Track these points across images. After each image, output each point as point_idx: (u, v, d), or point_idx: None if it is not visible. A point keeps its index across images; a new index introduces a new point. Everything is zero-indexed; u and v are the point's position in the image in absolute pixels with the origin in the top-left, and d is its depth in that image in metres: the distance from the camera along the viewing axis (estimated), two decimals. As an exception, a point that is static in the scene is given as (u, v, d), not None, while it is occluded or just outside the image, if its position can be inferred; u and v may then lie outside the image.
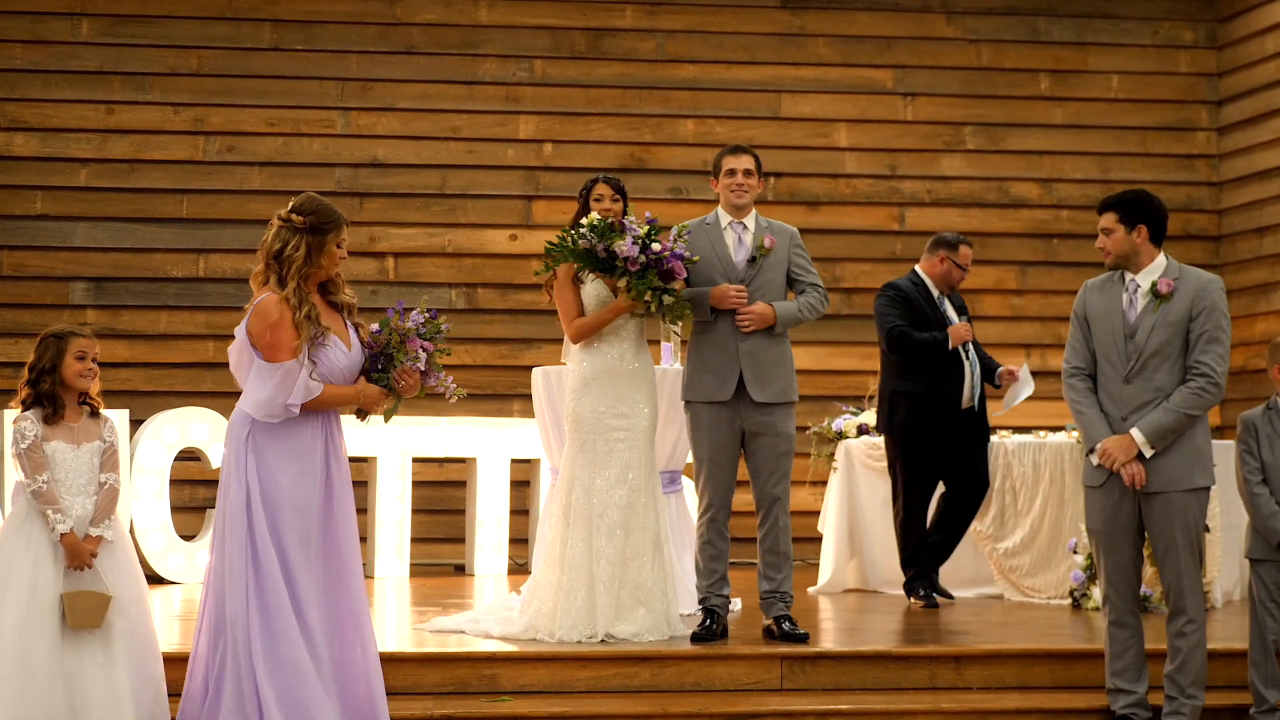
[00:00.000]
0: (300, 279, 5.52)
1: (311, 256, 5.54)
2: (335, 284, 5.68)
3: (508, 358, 11.06)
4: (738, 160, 6.91)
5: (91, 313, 10.72)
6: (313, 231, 5.56)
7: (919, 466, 8.32)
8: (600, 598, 6.60)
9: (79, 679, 5.42)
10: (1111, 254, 6.00)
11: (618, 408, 6.75)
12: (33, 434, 5.52)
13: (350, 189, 11.07)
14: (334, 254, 5.60)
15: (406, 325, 5.68)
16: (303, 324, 5.45)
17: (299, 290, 5.50)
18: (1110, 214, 6.01)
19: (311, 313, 5.48)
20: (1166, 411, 5.83)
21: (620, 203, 6.94)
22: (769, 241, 6.84)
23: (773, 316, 6.76)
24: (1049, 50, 11.71)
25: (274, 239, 5.56)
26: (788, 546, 6.81)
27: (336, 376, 5.57)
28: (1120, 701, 6.00)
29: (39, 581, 5.44)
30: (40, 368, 5.58)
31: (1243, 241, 11.51)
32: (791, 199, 11.36)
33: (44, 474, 5.48)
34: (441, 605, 8.08)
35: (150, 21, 10.98)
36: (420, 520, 10.22)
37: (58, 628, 5.43)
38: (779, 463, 6.78)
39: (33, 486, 5.47)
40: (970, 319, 8.58)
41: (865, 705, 6.17)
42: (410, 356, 5.65)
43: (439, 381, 5.76)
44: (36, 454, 5.50)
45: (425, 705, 5.98)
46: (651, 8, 11.41)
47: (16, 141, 10.84)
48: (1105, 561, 5.98)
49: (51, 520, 5.46)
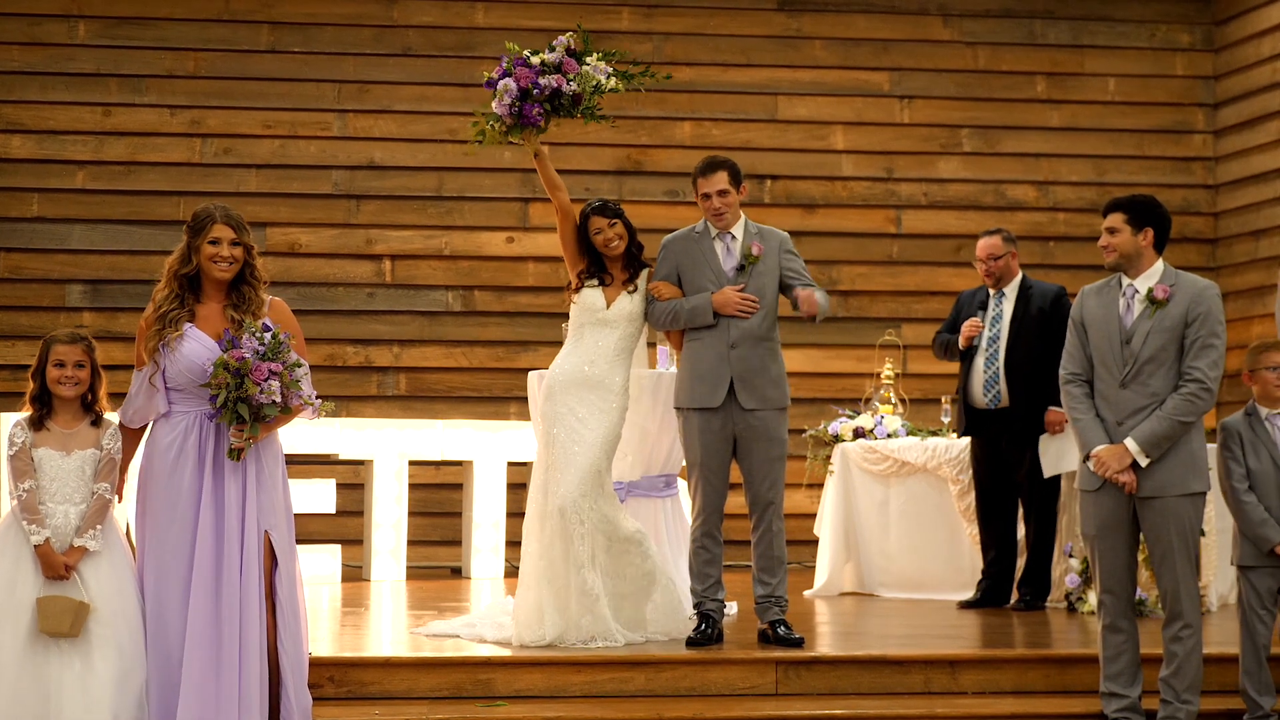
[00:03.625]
0: (177, 280, 5.59)
1: (189, 260, 5.60)
2: (244, 289, 5.67)
3: (504, 360, 11.06)
4: (709, 183, 6.83)
5: (88, 315, 10.73)
6: (191, 233, 5.61)
7: (974, 471, 8.51)
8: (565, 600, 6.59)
9: (54, 685, 5.39)
10: (1115, 253, 6.00)
11: (578, 410, 6.73)
12: (20, 441, 5.52)
13: (347, 191, 11.07)
14: (205, 250, 5.58)
15: (241, 356, 5.40)
16: (150, 320, 5.57)
17: (169, 285, 5.58)
18: (1118, 214, 6.01)
19: (165, 310, 5.54)
20: (1160, 419, 5.83)
21: (618, 224, 6.86)
22: (756, 249, 6.79)
23: (815, 305, 6.70)
24: (1045, 53, 11.72)
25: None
26: (782, 551, 6.81)
27: (196, 373, 5.53)
28: (1114, 706, 6.00)
29: (17, 583, 5.44)
30: (32, 371, 5.62)
31: (1238, 244, 11.52)
32: (788, 201, 11.37)
33: (26, 482, 5.48)
34: (438, 608, 8.08)
35: (147, 24, 10.98)
36: (417, 523, 10.22)
37: (29, 630, 5.40)
38: (772, 467, 6.78)
39: (16, 494, 5.48)
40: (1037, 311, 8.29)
41: (860, 710, 6.17)
42: (263, 391, 5.39)
43: (304, 400, 5.52)
44: (20, 461, 5.49)
45: (420, 710, 5.98)
46: (648, 10, 11.41)
47: (13, 144, 10.84)
48: (1100, 566, 5.99)
49: (26, 531, 5.45)
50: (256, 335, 5.48)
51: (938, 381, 10.80)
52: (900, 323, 11.22)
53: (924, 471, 8.95)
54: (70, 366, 5.58)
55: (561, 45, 6.75)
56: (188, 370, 5.52)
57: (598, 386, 6.79)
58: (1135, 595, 6.07)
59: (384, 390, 10.89)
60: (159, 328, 5.55)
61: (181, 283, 5.60)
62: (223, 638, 5.44)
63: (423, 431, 9.93)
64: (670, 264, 6.90)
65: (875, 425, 9.20)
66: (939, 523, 8.94)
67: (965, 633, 7.45)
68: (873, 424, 9.21)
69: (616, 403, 6.81)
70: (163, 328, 5.53)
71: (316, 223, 10.86)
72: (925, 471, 8.95)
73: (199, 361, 5.50)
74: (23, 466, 5.50)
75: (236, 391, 5.41)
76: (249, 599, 5.49)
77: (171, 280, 5.59)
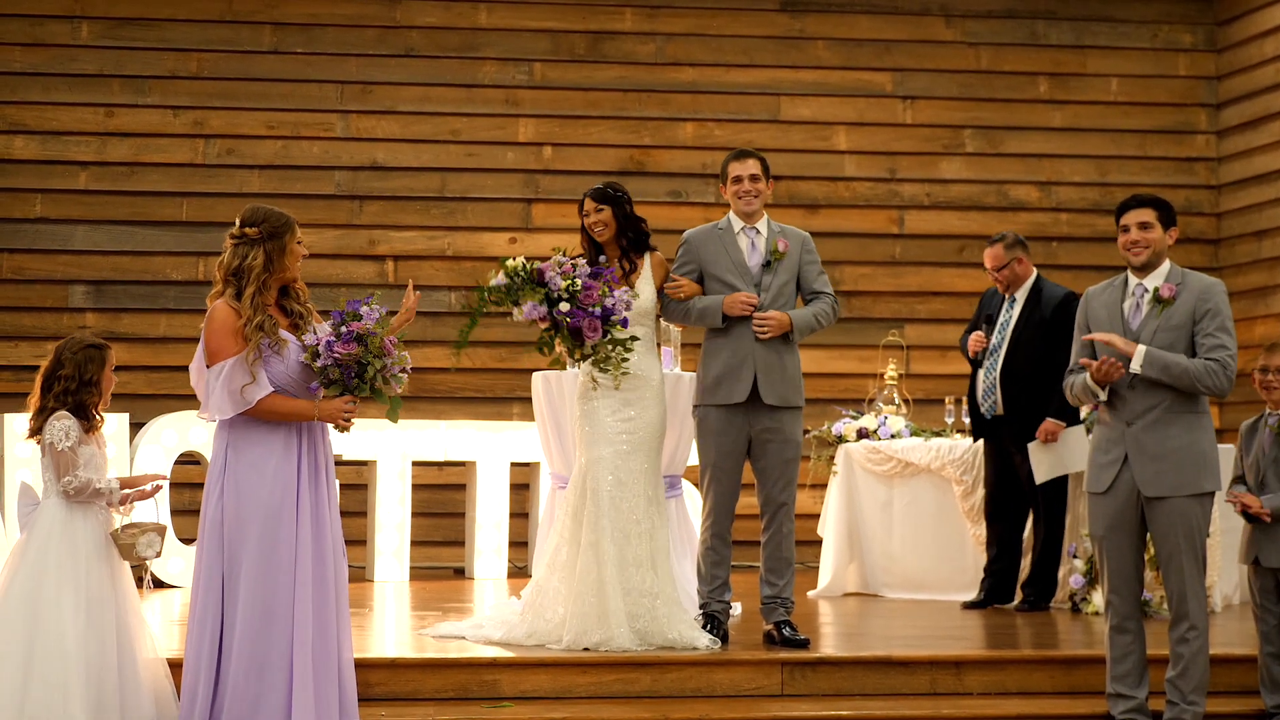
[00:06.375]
0: (259, 287, 5.50)
1: (272, 262, 5.53)
2: (293, 292, 5.66)
3: (507, 361, 11.06)
4: (743, 166, 6.90)
5: (91, 316, 10.73)
6: (270, 238, 5.55)
7: (985, 473, 8.57)
8: (610, 602, 6.49)
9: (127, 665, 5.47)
10: (1149, 250, 5.95)
11: (624, 411, 6.70)
12: (77, 434, 5.53)
13: (350, 192, 11.07)
14: (296, 252, 5.59)
15: (373, 327, 5.47)
16: (252, 334, 5.44)
17: (255, 298, 5.48)
18: (1150, 210, 5.97)
19: (265, 324, 5.46)
20: (1176, 359, 5.82)
21: (605, 210, 6.82)
22: (782, 245, 6.84)
23: (789, 324, 6.76)
24: (1048, 53, 11.72)
25: (232, 257, 5.54)
26: (790, 552, 6.81)
27: (301, 373, 5.53)
28: (1120, 707, 6.00)
29: (90, 578, 5.45)
30: (85, 378, 5.57)
31: (1241, 245, 11.52)
32: (791, 202, 11.36)
33: (79, 471, 5.50)
34: (441, 609, 8.08)
35: (150, 25, 10.98)
36: (420, 523, 10.22)
37: (111, 619, 5.45)
38: (786, 468, 6.78)
39: (74, 484, 5.47)
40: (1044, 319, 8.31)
41: (866, 711, 6.17)
42: (392, 358, 5.49)
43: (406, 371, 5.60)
44: (76, 454, 5.51)
45: (426, 711, 5.98)
46: (651, 11, 11.41)
47: (16, 144, 10.84)
48: (1107, 566, 5.98)
49: (105, 488, 5.50)
50: (370, 308, 5.49)
51: (941, 382, 10.82)
52: (903, 323, 11.23)
53: (927, 472, 8.95)
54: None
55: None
56: (293, 370, 5.51)
57: (638, 381, 6.70)
58: (1142, 596, 6.07)
59: (387, 391, 10.87)
60: (271, 339, 5.47)
61: (262, 285, 5.53)
62: (328, 646, 5.50)
63: (426, 432, 9.92)
64: (692, 257, 6.89)
65: (879, 426, 9.20)
66: (943, 523, 8.95)
67: (970, 634, 7.45)
68: (876, 424, 9.21)
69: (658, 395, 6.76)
70: (269, 338, 5.47)
71: (319, 223, 10.84)
72: (929, 472, 8.95)
73: (301, 359, 5.52)
74: (74, 459, 5.52)
75: (379, 363, 5.44)
76: (344, 606, 5.60)
77: (254, 283, 5.50)
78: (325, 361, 5.45)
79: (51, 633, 5.35)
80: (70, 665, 5.33)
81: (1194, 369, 5.81)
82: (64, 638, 5.35)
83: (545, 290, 6.40)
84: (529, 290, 6.40)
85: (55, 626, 5.36)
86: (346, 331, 5.43)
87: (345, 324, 5.44)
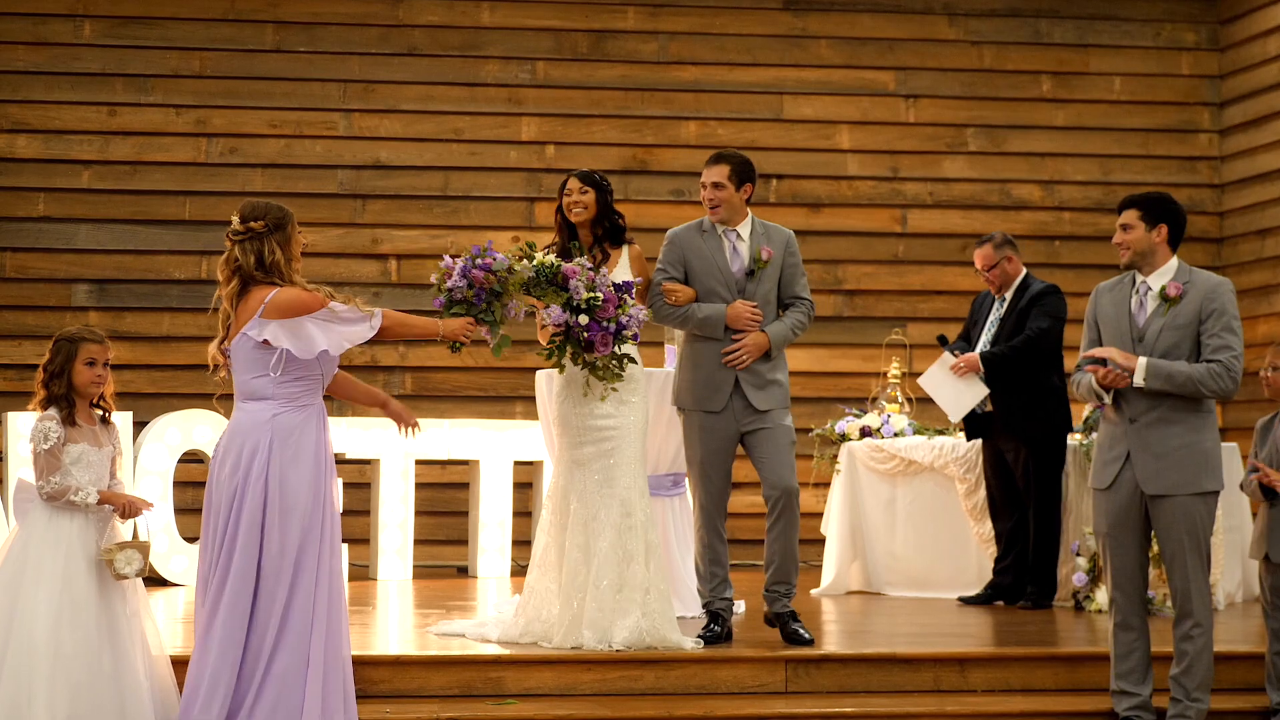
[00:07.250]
0: (294, 270, 5.58)
1: (288, 252, 5.58)
2: None
3: (510, 359, 10.92)
4: (707, 172, 6.79)
5: (94, 315, 10.73)
6: (276, 229, 5.57)
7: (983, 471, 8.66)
8: (598, 601, 6.44)
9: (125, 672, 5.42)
10: (1130, 251, 5.99)
11: (602, 407, 6.61)
12: (56, 436, 5.47)
13: (352, 191, 11.07)
14: (298, 241, 5.64)
15: (505, 269, 6.07)
16: (332, 294, 5.55)
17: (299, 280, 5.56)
18: (1132, 211, 6.00)
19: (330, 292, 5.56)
20: (1178, 368, 5.83)
21: (590, 194, 6.79)
22: (765, 254, 6.74)
23: (767, 344, 6.69)
24: (1051, 52, 11.72)
25: (246, 253, 5.52)
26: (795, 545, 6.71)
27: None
28: (1124, 704, 6.00)
29: (72, 577, 5.40)
30: (51, 370, 5.54)
31: (1244, 244, 11.52)
32: (793, 201, 11.36)
33: (55, 476, 5.44)
34: (444, 607, 8.09)
35: (152, 23, 10.98)
36: (423, 522, 10.22)
37: (94, 623, 5.40)
38: (788, 452, 6.69)
39: (47, 489, 5.43)
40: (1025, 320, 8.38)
41: (870, 708, 6.17)
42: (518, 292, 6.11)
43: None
44: (56, 457, 5.45)
45: (431, 709, 5.98)
46: (654, 9, 11.41)
47: (19, 143, 10.84)
48: (1111, 564, 5.99)
49: (80, 500, 5.42)
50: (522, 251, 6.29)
51: (943, 381, 10.81)
52: (906, 322, 11.23)
53: (930, 470, 8.95)
54: (100, 365, 5.58)
55: None
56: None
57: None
58: (1146, 593, 6.07)
59: (390, 389, 10.87)
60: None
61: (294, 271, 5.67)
62: (336, 640, 5.54)
63: (429, 431, 9.91)
64: (676, 255, 6.81)
65: (882, 424, 9.20)
66: (946, 522, 8.95)
67: (974, 631, 7.45)
68: (879, 423, 9.21)
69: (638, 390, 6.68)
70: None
71: (322, 222, 10.84)
72: (932, 470, 8.95)
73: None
74: (55, 462, 5.45)
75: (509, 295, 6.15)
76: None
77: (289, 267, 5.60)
78: (458, 282, 6.02)
79: (25, 627, 5.32)
80: (37, 662, 5.28)
81: (1198, 375, 5.81)
82: (34, 633, 5.31)
83: (567, 295, 6.37)
84: (552, 293, 6.36)
85: (29, 622, 5.33)
86: (482, 263, 6.02)
87: (481, 257, 6.04)
